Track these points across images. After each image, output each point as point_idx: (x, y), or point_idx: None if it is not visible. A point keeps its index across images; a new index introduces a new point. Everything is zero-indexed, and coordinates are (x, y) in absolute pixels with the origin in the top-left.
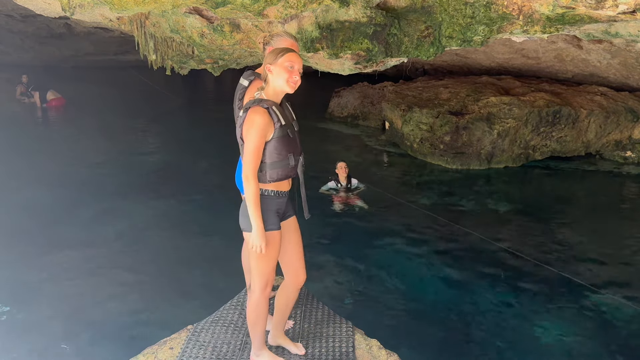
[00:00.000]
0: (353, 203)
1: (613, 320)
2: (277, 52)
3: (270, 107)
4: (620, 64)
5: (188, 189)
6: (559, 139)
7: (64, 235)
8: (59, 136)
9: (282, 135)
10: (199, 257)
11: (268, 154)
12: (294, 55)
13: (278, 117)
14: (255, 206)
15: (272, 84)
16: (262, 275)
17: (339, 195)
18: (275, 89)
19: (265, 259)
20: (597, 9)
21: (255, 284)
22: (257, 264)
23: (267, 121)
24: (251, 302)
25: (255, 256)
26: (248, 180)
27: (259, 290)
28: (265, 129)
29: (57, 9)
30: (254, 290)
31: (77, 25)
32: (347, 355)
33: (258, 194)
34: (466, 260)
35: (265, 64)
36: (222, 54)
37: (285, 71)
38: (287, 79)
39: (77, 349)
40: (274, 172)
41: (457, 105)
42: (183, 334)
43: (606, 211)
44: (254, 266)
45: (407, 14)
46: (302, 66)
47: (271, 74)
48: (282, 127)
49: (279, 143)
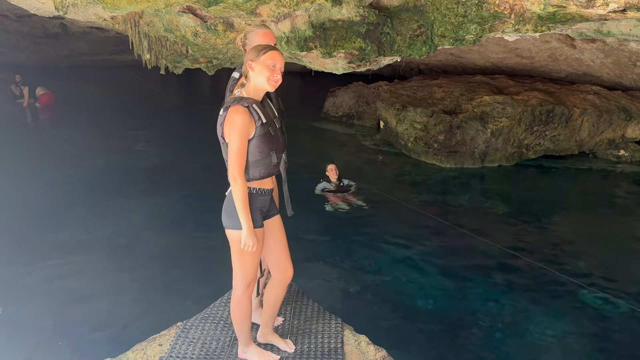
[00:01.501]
0: (351, 201)
1: (606, 317)
2: (259, 49)
3: (251, 105)
4: (614, 63)
5: (182, 188)
6: (553, 137)
7: (57, 234)
8: (53, 136)
9: (263, 133)
10: (193, 255)
11: (250, 153)
12: (277, 53)
13: (259, 116)
14: (244, 206)
15: (252, 81)
16: (244, 274)
17: (336, 195)
18: (256, 87)
19: (248, 257)
20: (588, 8)
21: (237, 282)
22: (240, 262)
23: (247, 120)
24: (234, 300)
25: (238, 254)
26: (235, 180)
27: (242, 288)
28: (247, 128)
29: (50, 8)
30: (236, 288)
31: (73, 25)
32: (335, 351)
33: (246, 193)
34: (460, 259)
35: (247, 60)
36: (216, 53)
37: (267, 69)
38: (268, 77)
39: (71, 347)
40: (257, 170)
41: (451, 104)
42: (172, 331)
43: (599, 210)
44: (237, 264)
45: (400, 13)
46: (284, 64)
47: (252, 71)
48: (263, 125)
49: (260, 141)
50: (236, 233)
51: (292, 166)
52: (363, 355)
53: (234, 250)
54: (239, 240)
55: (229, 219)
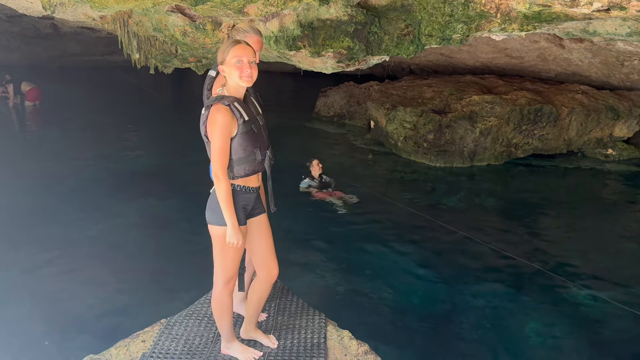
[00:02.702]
0: (338, 197)
1: (593, 314)
2: (223, 50)
3: (232, 103)
4: (602, 62)
5: (172, 188)
6: (541, 137)
7: (45, 234)
8: (43, 136)
9: (246, 131)
10: (181, 254)
11: (233, 151)
12: (240, 48)
13: (241, 113)
14: (228, 204)
15: (229, 81)
16: (225, 270)
17: (322, 192)
18: (234, 85)
19: (230, 253)
20: (573, 7)
21: (218, 277)
22: (222, 258)
23: (229, 119)
24: (214, 295)
25: (220, 250)
26: (218, 179)
27: (222, 284)
28: (229, 127)
29: (39, 8)
30: (217, 284)
31: (64, 26)
32: (318, 346)
33: (230, 191)
34: (449, 257)
35: (219, 64)
36: (205, 53)
37: (235, 68)
38: (239, 75)
39: (58, 345)
40: (241, 168)
41: (441, 103)
42: (156, 328)
43: (588, 208)
44: (218, 260)
45: (387, 13)
46: (253, 55)
47: (224, 74)
48: (245, 122)
49: (243, 139)
50: (218, 229)
51: (283, 165)
52: (345, 349)
53: (216, 246)
54: (221, 236)
55: (212, 214)
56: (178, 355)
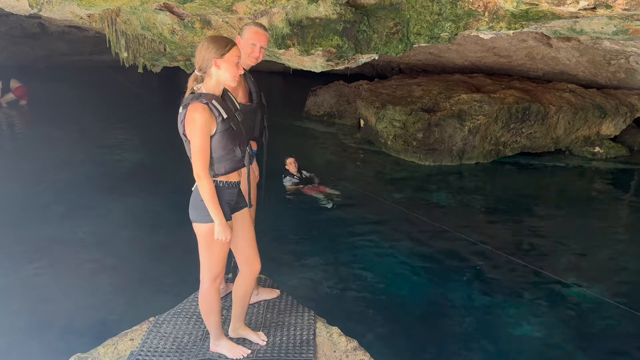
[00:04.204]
0: (323, 191)
1: (581, 310)
2: (223, 45)
3: (210, 101)
4: (589, 61)
5: (161, 187)
6: (529, 135)
7: (33, 232)
8: (31, 135)
9: (225, 129)
10: (170, 253)
11: (213, 149)
12: (238, 49)
13: (219, 112)
14: (213, 201)
15: (215, 78)
16: (212, 267)
17: (307, 187)
18: (219, 83)
19: (216, 250)
20: (559, 5)
21: (205, 275)
22: (208, 255)
23: (207, 117)
24: (201, 293)
25: (206, 248)
26: (200, 178)
27: (209, 281)
28: (208, 126)
29: (25, 6)
30: (204, 281)
31: (51, 25)
32: (307, 342)
33: (213, 189)
34: (437, 254)
35: (210, 58)
36: (194, 51)
37: (234, 67)
38: (235, 74)
39: (45, 344)
40: (221, 165)
41: (430, 102)
42: (144, 326)
43: (575, 206)
44: (204, 258)
45: (376, 11)
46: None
47: (218, 69)
48: (224, 120)
49: (222, 137)
50: (203, 226)
51: (273, 164)
52: (334, 346)
53: (202, 243)
54: (207, 234)
55: (196, 212)
56: (167, 354)
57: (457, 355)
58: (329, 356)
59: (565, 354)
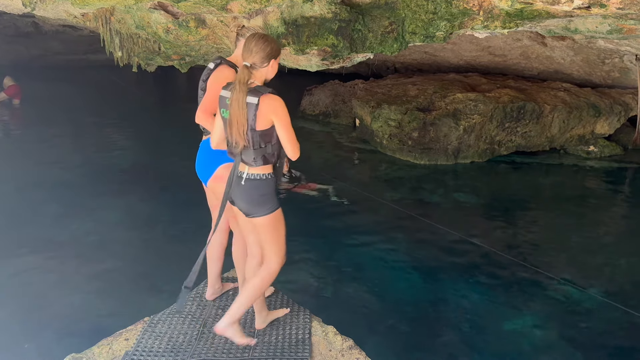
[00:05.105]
0: (314, 188)
1: (576, 309)
2: (279, 48)
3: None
4: (583, 60)
5: (157, 188)
6: (524, 134)
7: (28, 233)
8: (25, 134)
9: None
10: (165, 252)
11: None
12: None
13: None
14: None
15: (265, 75)
16: (281, 246)
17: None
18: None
19: (282, 229)
20: (554, 4)
21: (273, 258)
22: (277, 239)
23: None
24: (270, 274)
25: (274, 233)
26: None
27: (278, 264)
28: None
29: (19, 5)
30: (271, 264)
31: (45, 24)
32: (303, 341)
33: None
34: (433, 253)
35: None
36: (189, 50)
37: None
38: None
39: (39, 345)
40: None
41: (425, 101)
42: (139, 326)
43: (569, 204)
44: (274, 242)
45: (371, 10)
46: None
47: (271, 68)
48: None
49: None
50: (270, 217)
51: None
52: (330, 345)
53: (269, 231)
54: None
55: (258, 207)
56: (162, 353)
57: (452, 354)
58: (325, 355)
59: (561, 353)
